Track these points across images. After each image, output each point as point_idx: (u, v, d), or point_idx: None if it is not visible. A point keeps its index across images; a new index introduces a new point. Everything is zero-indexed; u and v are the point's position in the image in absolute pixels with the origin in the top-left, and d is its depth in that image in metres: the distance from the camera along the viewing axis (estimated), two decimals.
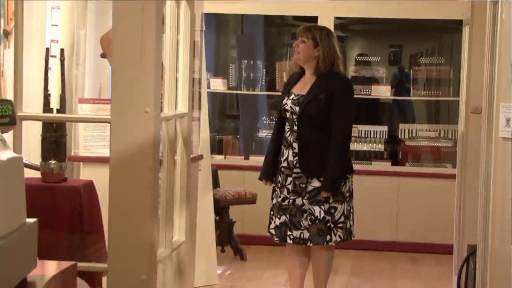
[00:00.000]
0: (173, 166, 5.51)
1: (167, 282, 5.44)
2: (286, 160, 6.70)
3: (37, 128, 5.58)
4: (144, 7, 4.80)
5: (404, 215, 10.33)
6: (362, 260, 9.49)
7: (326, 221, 6.61)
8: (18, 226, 2.48)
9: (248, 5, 10.91)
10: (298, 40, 6.82)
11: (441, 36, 11.61)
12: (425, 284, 8.88)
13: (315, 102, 6.66)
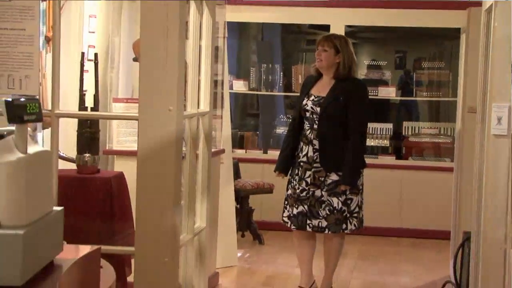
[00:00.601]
0: (195, 159, 5.50)
1: (189, 264, 5.43)
2: (306, 156, 6.71)
3: (74, 125, 5.58)
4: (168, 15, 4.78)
5: (407, 204, 10.32)
6: (369, 245, 9.47)
7: (342, 211, 6.66)
8: (45, 213, 2.47)
9: (267, 14, 10.91)
10: (320, 49, 6.80)
11: (442, 43, 11.58)
12: (425, 266, 8.86)
13: (335, 103, 6.69)
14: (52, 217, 2.52)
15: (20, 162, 2.29)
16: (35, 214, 2.37)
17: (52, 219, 2.51)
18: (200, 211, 5.64)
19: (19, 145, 2.32)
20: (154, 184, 4.84)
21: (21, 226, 2.26)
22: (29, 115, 2.32)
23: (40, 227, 2.39)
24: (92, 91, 5.76)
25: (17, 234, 2.23)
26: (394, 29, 11.36)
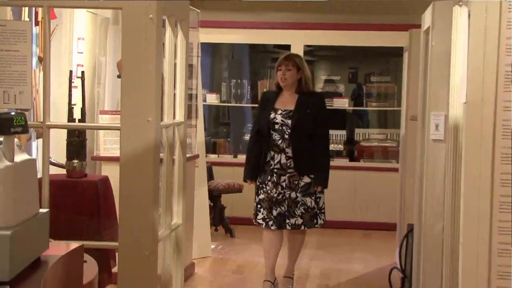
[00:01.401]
0: (172, 164, 5.46)
1: (167, 257, 5.39)
2: (279, 163, 6.66)
3: (63, 135, 5.55)
4: (147, 37, 4.73)
5: (359, 200, 10.38)
6: (326, 236, 9.48)
7: (313, 209, 6.70)
8: (32, 215, 2.42)
9: (237, 36, 10.97)
10: (284, 69, 6.77)
11: (388, 60, 11.59)
12: (374, 254, 8.88)
13: (304, 115, 6.67)
14: (38, 218, 2.48)
15: (7, 169, 2.25)
16: (22, 216, 2.33)
17: (38, 220, 2.47)
18: (177, 209, 5.60)
19: (7, 154, 2.28)
20: (135, 186, 4.80)
21: (8, 227, 2.22)
22: (15, 127, 2.28)
23: (27, 228, 2.34)
24: (80, 104, 5.72)
25: (5, 234, 2.20)
26: (347, 48, 11.37)
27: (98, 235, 5.15)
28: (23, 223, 2.32)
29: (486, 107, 3.20)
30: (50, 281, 2.36)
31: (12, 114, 2.33)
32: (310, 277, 7.88)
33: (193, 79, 8.20)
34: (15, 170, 2.29)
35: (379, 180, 10.35)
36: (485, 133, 3.21)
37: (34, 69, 5.67)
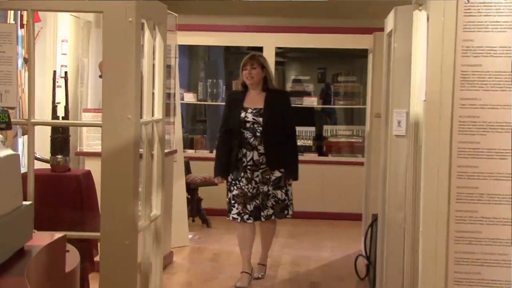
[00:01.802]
0: (151, 159, 5.44)
1: (146, 246, 5.37)
2: (251, 160, 6.61)
3: (48, 131, 5.52)
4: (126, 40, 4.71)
5: (327, 192, 10.40)
6: (296, 226, 9.49)
7: (284, 200, 6.71)
8: (15, 207, 2.41)
9: (212, 39, 10.97)
10: (249, 68, 6.70)
11: (354, 61, 11.60)
12: (341, 242, 8.93)
13: (274, 113, 6.63)
14: (22, 210, 2.46)
15: None
16: (5, 208, 2.31)
17: (22, 212, 2.46)
18: (156, 201, 5.58)
19: None
20: (116, 180, 4.78)
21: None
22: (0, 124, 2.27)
23: (10, 219, 2.33)
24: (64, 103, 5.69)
25: None
26: (316, 50, 11.38)
27: (81, 226, 5.12)
28: (7, 214, 2.30)
29: (444, 105, 3.21)
30: (33, 270, 2.35)
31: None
32: (282, 265, 7.89)
33: (171, 79, 8.18)
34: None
35: (346, 173, 10.38)
36: (443, 128, 3.23)
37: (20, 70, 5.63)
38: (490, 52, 3.18)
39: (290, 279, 7.42)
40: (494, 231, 3.26)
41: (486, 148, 3.24)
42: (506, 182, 3.23)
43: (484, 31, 3.17)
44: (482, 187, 3.25)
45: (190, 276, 7.44)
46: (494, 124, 3.22)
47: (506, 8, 3.15)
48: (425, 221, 3.32)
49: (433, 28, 3.21)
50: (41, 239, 2.62)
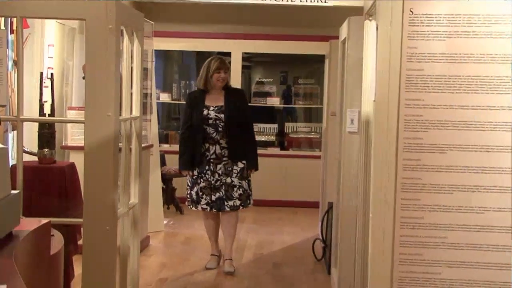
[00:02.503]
0: (129, 152, 5.42)
1: (125, 231, 5.35)
2: (214, 153, 6.49)
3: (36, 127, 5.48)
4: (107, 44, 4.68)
5: (288, 183, 10.39)
6: (260, 213, 9.49)
7: (247, 190, 6.58)
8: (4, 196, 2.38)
9: (186, 44, 10.95)
10: (222, 73, 6.55)
11: (312, 65, 11.60)
12: (301, 227, 8.94)
13: (234, 109, 6.51)
14: (10, 199, 2.44)
15: None
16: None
17: (9, 200, 2.44)
18: (134, 190, 5.56)
19: None
20: (98, 171, 4.75)
21: None
22: None
23: None
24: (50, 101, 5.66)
25: None
26: (279, 55, 11.38)
27: (66, 213, 5.08)
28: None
29: (391, 105, 3.23)
30: (21, 253, 2.33)
31: None
32: (247, 247, 7.89)
33: (148, 81, 8.15)
34: None
35: (305, 166, 10.38)
36: (390, 126, 3.24)
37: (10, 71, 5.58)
38: (431, 58, 3.20)
39: (254, 260, 7.42)
40: (434, 217, 3.28)
41: (428, 144, 3.26)
42: (445, 173, 3.26)
43: (426, 39, 3.19)
44: (425, 178, 3.27)
45: (165, 257, 7.42)
46: (435, 122, 3.24)
47: (445, 19, 3.18)
48: (374, 208, 3.34)
49: (381, 36, 3.22)
50: (28, 225, 2.61)
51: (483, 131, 3.22)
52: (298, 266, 7.20)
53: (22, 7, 4.82)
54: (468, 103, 3.21)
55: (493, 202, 3.24)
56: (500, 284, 3.26)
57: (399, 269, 3.30)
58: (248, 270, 7.00)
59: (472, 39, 3.18)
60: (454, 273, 3.28)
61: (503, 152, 3.22)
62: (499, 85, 3.19)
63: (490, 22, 3.16)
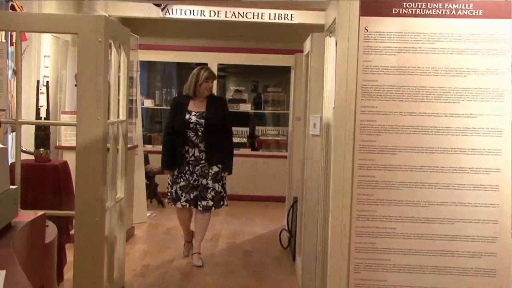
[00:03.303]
0: (116, 152, 5.41)
1: (112, 222, 5.34)
2: (193, 155, 6.28)
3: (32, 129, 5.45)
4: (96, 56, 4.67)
5: (258, 179, 10.39)
6: (234, 207, 9.43)
7: (220, 192, 6.41)
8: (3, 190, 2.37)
9: (167, 56, 10.91)
10: (210, 82, 6.38)
11: (280, 75, 11.60)
12: (270, 219, 8.92)
13: (214, 115, 6.31)
14: (8, 193, 2.42)
15: None
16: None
17: (8, 194, 2.42)
18: (120, 186, 5.56)
19: None
20: (88, 169, 4.74)
21: None
22: None
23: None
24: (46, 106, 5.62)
25: None
26: (251, 66, 11.35)
27: (59, 206, 5.05)
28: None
29: (349, 111, 3.25)
30: (18, 242, 2.32)
31: None
32: (221, 237, 7.89)
33: (133, 88, 8.13)
34: None
35: (273, 164, 10.39)
36: (347, 130, 3.26)
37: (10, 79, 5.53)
38: (383, 70, 3.22)
39: (228, 248, 7.42)
40: (386, 210, 3.31)
41: (381, 146, 3.28)
42: (396, 172, 3.29)
43: (379, 54, 3.21)
44: (378, 176, 3.29)
45: (148, 246, 7.40)
46: (387, 127, 3.26)
47: (395, 36, 3.20)
48: (334, 202, 3.35)
49: (340, 51, 3.24)
50: (25, 216, 2.59)
51: (427, 134, 3.25)
52: (266, 253, 7.21)
53: (21, 22, 4.80)
54: (416, 110, 3.24)
55: (437, 197, 3.27)
56: (443, 268, 3.30)
57: (355, 256, 3.32)
58: (221, 257, 7.00)
59: (419, 54, 3.21)
60: (403, 259, 3.31)
61: (445, 153, 3.26)
62: (442, 94, 3.23)
63: (434, 39, 3.20)
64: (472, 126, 3.23)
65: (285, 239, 7.37)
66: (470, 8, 3.19)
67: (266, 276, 6.38)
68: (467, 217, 3.26)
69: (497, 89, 3.22)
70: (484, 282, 3.29)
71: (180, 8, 9.91)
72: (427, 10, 3.18)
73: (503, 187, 3.25)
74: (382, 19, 3.18)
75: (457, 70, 3.21)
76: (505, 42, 3.21)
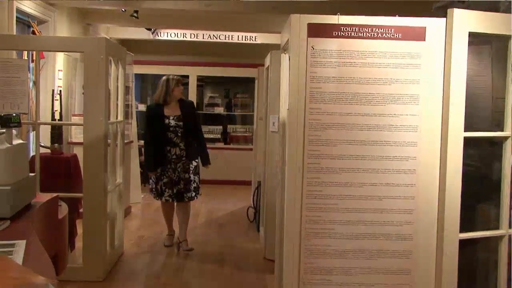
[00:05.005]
0: (116, 146, 5.37)
1: (113, 202, 5.31)
2: (175, 154, 5.78)
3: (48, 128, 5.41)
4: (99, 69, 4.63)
5: (230, 168, 10.36)
6: (209, 190, 9.46)
7: (198, 183, 5.96)
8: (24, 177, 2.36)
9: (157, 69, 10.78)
10: (181, 87, 5.90)
11: (247, 85, 11.57)
12: (239, 199, 8.94)
13: (189, 117, 5.88)
14: (28, 179, 2.42)
15: (8, 149, 2.18)
16: (17, 177, 2.27)
17: (28, 180, 2.41)
18: (119, 173, 5.52)
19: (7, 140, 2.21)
20: (93, 160, 4.71)
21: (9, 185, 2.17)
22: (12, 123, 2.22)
23: (20, 185, 2.29)
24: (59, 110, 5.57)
25: (7, 189, 2.15)
26: (223, 77, 11.32)
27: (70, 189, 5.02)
28: (18, 182, 2.26)
29: (299, 112, 3.26)
30: (36, 218, 2.31)
31: (10, 115, 2.26)
32: (200, 213, 7.88)
33: (129, 95, 8.07)
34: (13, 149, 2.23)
35: (242, 155, 10.36)
36: (299, 127, 3.27)
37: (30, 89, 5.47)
38: (326, 80, 3.23)
39: (205, 222, 7.43)
40: (329, 190, 3.32)
41: (325, 139, 3.29)
42: (337, 160, 3.29)
43: (323, 67, 3.23)
44: (323, 163, 3.30)
45: (142, 221, 7.37)
46: (330, 124, 3.28)
47: (335, 53, 3.21)
48: (289, 185, 3.36)
49: (292, 64, 3.25)
50: (42, 197, 2.58)
51: (361, 130, 3.28)
52: (236, 226, 7.23)
53: (40, 43, 4.76)
54: (352, 111, 3.26)
55: (369, 179, 3.30)
56: (373, 235, 3.34)
57: (305, 227, 3.33)
58: (200, 229, 7.01)
59: (354, 67, 3.23)
60: (343, 228, 3.34)
61: (375, 145, 3.29)
62: (372, 99, 3.26)
63: (365, 56, 3.22)
64: (395, 124, 3.27)
65: (251, 214, 7.40)
66: (392, 32, 3.23)
67: (236, 243, 6.40)
68: (392, 194, 3.30)
69: (414, 95, 3.27)
70: (404, 244, 3.34)
71: (166, 31, 9.88)
72: (359, 33, 3.21)
73: (418, 171, 3.30)
74: (325, 39, 3.19)
75: (383, 80, 3.24)
76: (419, 59, 3.26)
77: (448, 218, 3.22)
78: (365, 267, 3.33)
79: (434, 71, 3.24)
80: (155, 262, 5.57)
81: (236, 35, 9.88)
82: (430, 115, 3.25)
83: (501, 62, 3.35)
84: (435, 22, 3.23)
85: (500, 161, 3.38)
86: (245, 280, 5.12)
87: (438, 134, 3.26)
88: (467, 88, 3.18)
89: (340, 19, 3.19)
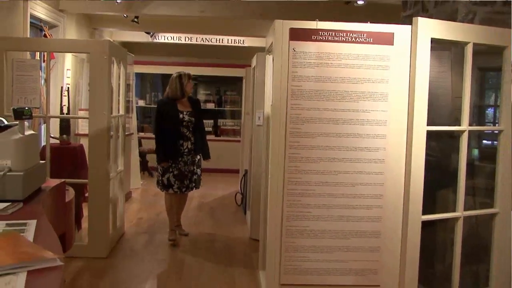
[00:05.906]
0: (117, 138, 5.35)
1: (115, 188, 5.29)
2: (187, 148, 5.51)
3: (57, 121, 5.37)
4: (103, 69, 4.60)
5: (221, 157, 10.31)
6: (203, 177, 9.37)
7: (200, 175, 5.77)
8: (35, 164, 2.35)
9: (155, 68, 10.77)
10: (191, 82, 5.63)
11: (236, 83, 11.56)
12: (229, 185, 8.95)
13: (199, 114, 5.62)
14: (39, 166, 2.40)
15: (21, 139, 2.17)
16: (29, 164, 2.25)
17: (39, 167, 2.40)
18: (120, 162, 5.50)
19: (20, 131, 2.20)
20: (97, 149, 4.69)
21: (22, 170, 2.15)
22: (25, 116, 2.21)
23: (32, 171, 2.28)
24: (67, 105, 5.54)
25: (20, 174, 2.13)
26: (216, 76, 11.28)
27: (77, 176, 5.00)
28: (30, 168, 2.25)
29: (282, 107, 3.27)
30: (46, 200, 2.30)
31: (23, 108, 2.25)
32: (194, 198, 7.88)
33: (130, 92, 8.03)
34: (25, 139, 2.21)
35: (231, 146, 10.34)
36: (281, 121, 3.28)
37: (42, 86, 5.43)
38: (306, 79, 3.24)
39: (198, 205, 7.43)
40: (308, 177, 3.33)
41: (304, 132, 3.30)
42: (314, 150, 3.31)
43: (303, 67, 3.24)
44: (302, 153, 3.31)
45: (141, 204, 7.35)
46: (309, 118, 3.29)
47: (314, 55, 3.22)
48: (272, 172, 3.37)
49: (275, 65, 3.26)
50: (51, 183, 2.57)
51: (337, 124, 3.29)
52: (226, 209, 7.24)
53: (50, 45, 4.72)
54: (329, 107, 3.27)
55: (343, 168, 3.32)
56: (346, 217, 3.36)
57: (286, 210, 3.34)
58: (193, 212, 7.01)
59: (331, 68, 3.24)
60: (319, 211, 3.36)
61: (349, 137, 3.31)
62: (346, 96, 3.27)
63: (341, 58, 3.24)
64: (367, 118, 3.29)
65: (239, 199, 7.41)
66: (364, 37, 3.25)
67: (225, 225, 6.41)
68: (363, 181, 3.32)
69: (383, 93, 3.29)
70: (373, 225, 3.37)
71: (163, 35, 9.82)
72: (335, 37, 3.22)
73: (387, 161, 3.32)
74: (305, 43, 3.20)
75: (356, 79, 3.26)
76: (388, 61, 3.27)
77: (412, 202, 3.25)
78: (340, 246, 3.35)
79: (401, 72, 3.26)
80: (153, 241, 5.57)
81: (226, 38, 9.85)
82: (398, 111, 3.28)
83: (459, 65, 3.38)
84: (402, 28, 3.25)
85: (457, 152, 3.42)
86: (234, 257, 5.14)
87: (404, 128, 3.28)
88: (430, 88, 3.21)
89: (319, 25, 3.19)
